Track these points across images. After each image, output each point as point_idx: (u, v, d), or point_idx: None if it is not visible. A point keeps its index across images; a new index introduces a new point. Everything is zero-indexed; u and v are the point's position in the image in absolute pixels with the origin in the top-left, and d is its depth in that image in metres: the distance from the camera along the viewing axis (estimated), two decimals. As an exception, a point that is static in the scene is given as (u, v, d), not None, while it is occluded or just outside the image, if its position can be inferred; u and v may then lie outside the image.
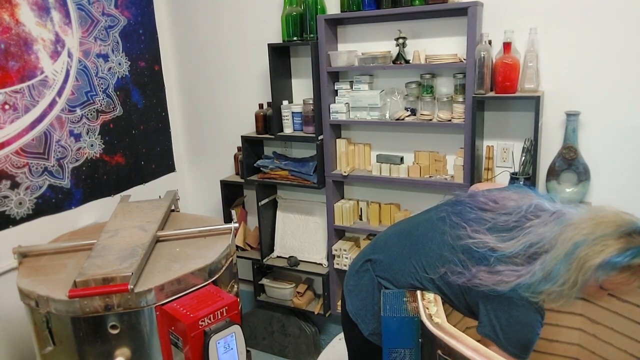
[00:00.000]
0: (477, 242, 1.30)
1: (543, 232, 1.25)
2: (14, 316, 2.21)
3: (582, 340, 1.64)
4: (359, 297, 1.51)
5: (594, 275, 1.17)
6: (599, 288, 1.23)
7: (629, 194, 2.10)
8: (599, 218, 1.21)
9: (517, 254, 1.25)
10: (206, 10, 2.94)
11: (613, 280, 1.19)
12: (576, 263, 1.17)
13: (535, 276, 1.20)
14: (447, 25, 2.29)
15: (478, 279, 1.26)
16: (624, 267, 1.16)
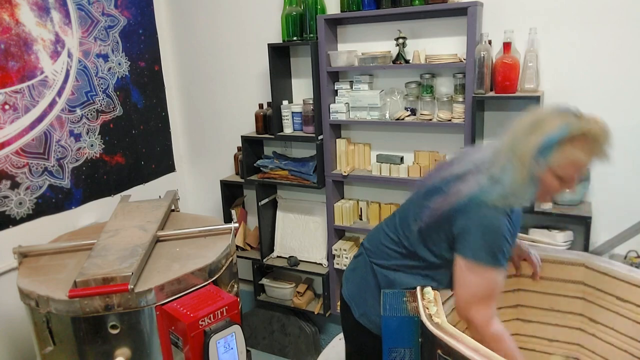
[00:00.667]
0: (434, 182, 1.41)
1: (485, 153, 1.35)
2: (14, 316, 2.21)
3: (582, 340, 1.64)
4: (354, 282, 1.56)
5: (539, 163, 1.21)
6: (556, 178, 1.23)
7: (629, 194, 2.10)
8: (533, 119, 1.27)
9: (465, 172, 1.32)
10: (206, 10, 2.94)
11: (561, 163, 1.21)
12: (518, 155, 1.23)
13: (483, 183, 1.26)
14: (447, 25, 2.29)
15: (439, 206, 1.33)
16: (562, 142, 1.19)
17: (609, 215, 2.13)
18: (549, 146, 1.20)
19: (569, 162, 1.21)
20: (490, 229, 1.25)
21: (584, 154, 1.20)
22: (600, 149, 1.20)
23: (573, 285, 1.63)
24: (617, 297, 1.53)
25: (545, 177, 1.24)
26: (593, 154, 1.21)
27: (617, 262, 1.58)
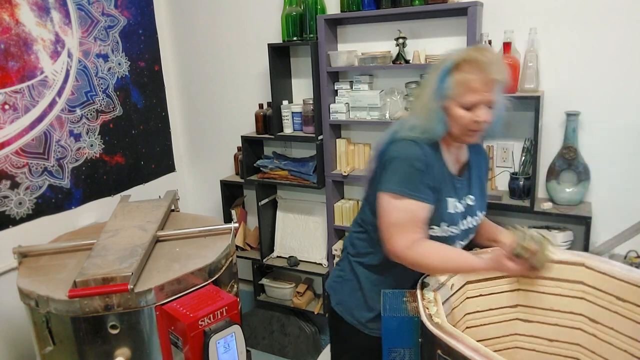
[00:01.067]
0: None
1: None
2: (14, 316, 2.21)
3: (582, 340, 1.64)
4: (335, 273, 1.66)
5: (440, 95, 1.31)
6: (460, 107, 1.29)
7: (629, 194, 2.10)
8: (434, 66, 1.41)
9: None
10: (206, 10, 2.94)
11: (455, 90, 1.28)
12: (421, 96, 1.37)
13: (396, 127, 1.43)
14: (447, 25, 2.29)
15: (369, 166, 1.51)
16: (451, 71, 1.29)
17: (609, 215, 2.13)
18: (442, 78, 1.30)
19: (461, 86, 1.28)
20: (401, 160, 1.33)
21: (471, 74, 1.26)
22: (486, 67, 1.25)
23: (573, 285, 1.63)
24: (617, 297, 1.53)
25: (450, 109, 1.31)
26: (480, 72, 1.25)
27: (617, 262, 1.57)
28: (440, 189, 1.37)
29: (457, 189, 1.42)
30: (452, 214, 1.40)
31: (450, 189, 1.40)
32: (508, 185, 2.25)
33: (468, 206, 1.45)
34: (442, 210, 1.38)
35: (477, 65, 1.26)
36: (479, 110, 1.28)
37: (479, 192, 1.49)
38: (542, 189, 2.24)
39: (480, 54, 1.28)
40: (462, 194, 1.44)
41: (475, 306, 1.67)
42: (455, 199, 1.41)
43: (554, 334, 1.68)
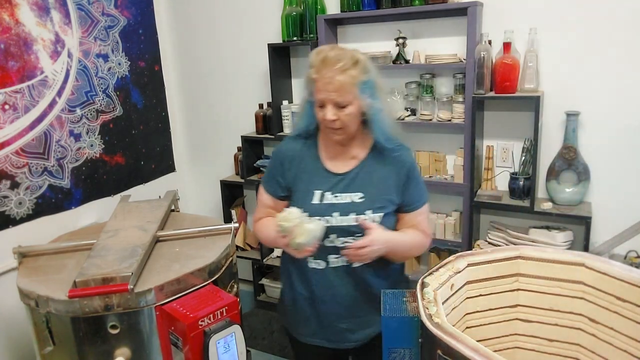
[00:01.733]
0: None
1: None
2: (14, 316, 2.21)
3: (582, 340, 1.64)
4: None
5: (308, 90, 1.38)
6: (317, 105, 1.35)
7: (629, 194, 2.10)
8: None
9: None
10: (206, 11, 2.93)
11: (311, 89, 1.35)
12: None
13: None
14: (447, 25, 2.29)
15: None
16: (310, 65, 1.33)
17: (609, 215, 2.13)
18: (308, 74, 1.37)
19: (308, 84, 1.37)
20: (272, 153, 1.54)
21: (313, 73, 1.32)
22: (320, 68, 1.29)
23: (573, 285, 1.63)
24: (617, 297, 1.53)
25: (314, 105, 1.38)
26: (318, 72, 1.30)
27: (617, 262, 1.57)
28: (306, 180, 1.43)
29: (332, 184, 1.42)
30: (316, 206, 1.40)
31: (321, 182, 1.42)
32: (508, 185, 2.25)
33: (349, 203, 1.40)
34: (306, 201, 1.41)
35: (315, 65, 1.31)
36: (325, 109, 1.32)
37: (373, 192, 1.42)
38: (542, 189, 2.24)
39: (317, 54, 1.32)
40: (338, 189, 1.42)
41: (475, 306, 1.67)
42: (329, 192, 1.41)
43: (554, 334, 1.67)
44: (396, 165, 1.44)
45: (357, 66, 1.31)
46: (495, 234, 2.28)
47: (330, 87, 1.28)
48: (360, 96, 1.33)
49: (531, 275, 1.68)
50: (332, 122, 1.32)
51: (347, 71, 1.28)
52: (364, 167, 1.44)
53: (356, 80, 1.30)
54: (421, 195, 1.49)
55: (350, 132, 1.39)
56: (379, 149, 1.43)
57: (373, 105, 1.36)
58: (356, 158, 1.44)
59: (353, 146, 1.44)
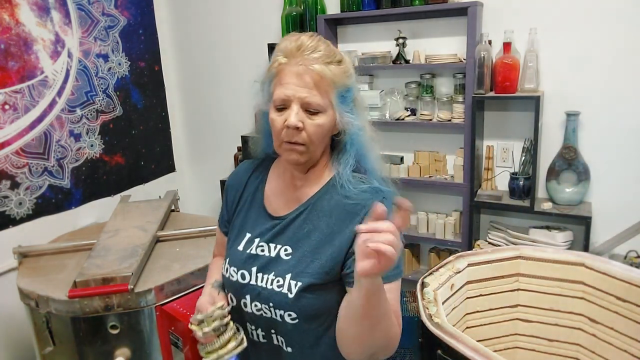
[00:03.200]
0: None
1: None
2: (14, 316, 2.21)
3: (582, 340, 1.64)
4: None
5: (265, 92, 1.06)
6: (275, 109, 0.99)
7: (629, 194, 2.10)
8: None
9: None
10: (206, 11, 2.93)
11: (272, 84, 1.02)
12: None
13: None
14: (447, 25, 2.29)
15: None
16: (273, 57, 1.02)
17: (609, 215, 2.13)
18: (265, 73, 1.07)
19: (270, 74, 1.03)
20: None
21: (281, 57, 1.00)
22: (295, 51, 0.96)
23: (573, 285, 1.63)
24: (617, 297, 1.53)
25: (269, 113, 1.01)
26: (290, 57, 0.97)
27: (617, 262, 1.58)
28: (242, 218, 1.09)
29: (265, 228, 1.05)
30: (239, 254, 1.05)
31: (255, 223, 1.07)
32: (508, 185, 2.25)
33: (271, 259, 1.02)
34: (234, 244, 1.08)
35: (285, 50, 0.98)
36: (287, 111, 0.95)
37: (304, 251, 1.00)
38: (542, 189, 2.24)
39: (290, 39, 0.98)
40: (267, 237, 1.04)
41: (475, 306, 1.67)
42: (258, 239, 1.05)
43: (554, 334, 1.68)
44: (355, 216, 0.98)
45: (341, 65, 0.98)
46: (495, 234, 2.28)
47: (302, 79, 0.94)
48: (338, 106, 0.98)
49: (531, 275, 1.69)
50: (294, 131, 0.94)
51: (328, 65, 0.95)
52: (308, 213, 1.03)
53: (338, 80, 0.96)
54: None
55: (314, 155, 1.00)
56: (336, 187, 1.02)
57: (354, 121, 1.01)
58: (301, 196, 1.05)
59: (307, 182, 1.05)
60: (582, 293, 1.62)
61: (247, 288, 1.02)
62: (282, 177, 1.09)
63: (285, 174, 1.08)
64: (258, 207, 1.09)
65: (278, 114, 0.97)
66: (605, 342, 1.57)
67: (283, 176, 1.08)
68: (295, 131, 0.94)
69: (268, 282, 1.00)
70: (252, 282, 1.02)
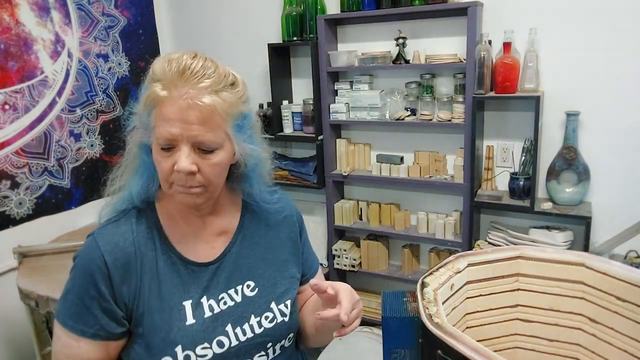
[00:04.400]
0: None
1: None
2: (14, 316, 2.21)
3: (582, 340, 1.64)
4: None
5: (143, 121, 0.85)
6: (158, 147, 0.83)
7: (629, 194, 2.10)
8: None
9: None
10: (206, 10, 2.93)
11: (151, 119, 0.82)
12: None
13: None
14: (447, 25, 2.29)
15: None
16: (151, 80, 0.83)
17: (609, 215, 2.13)
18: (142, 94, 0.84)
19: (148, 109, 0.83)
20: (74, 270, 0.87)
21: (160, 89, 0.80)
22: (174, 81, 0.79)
23: (573, 285, 1.63)
24: (617, 297, 1.53)
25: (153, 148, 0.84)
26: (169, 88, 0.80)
27: (617, 262, 1.57)
28: (160, 291, 0.86)
29: (204, 283, 0.90)
30: (195, 328, 0.86)
31: (186, 285, 0.89)
32: (508, 185, 2.25)
33: (241, 304, 0.91)
34: (173, 327, 0.85)
35: (163, 77, 0.80)
36: (175, 154, 0.81)
37: (269, 274, 0.96)
38: (542, 189, 2.24)
39: (169, 61, 0.81)
40: (216, 288, 0.91)
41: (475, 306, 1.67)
42: (204, 298, 0.89)
43: (554, 334, 1.67)
44: (284, 222, 1.03)
45: (234, 89, 0.84)
46: (495, 234, 2.28)
47: (190, 115, 0.78)
48: (236, 137, 0.85)
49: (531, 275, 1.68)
50: (188, 176, 0.81)
51: (220, 92, 0.80)
52: (243, 241, 0.96)
53: (233, 110, 0.83)
54: (314, 253, 1.11)
55: (214, 193, 0.89)
56: (252, 207, 1.00)
57: (254, 152, 0.90)
58: (226, 231, 0.96)
59: (218, 212, 0.95)
60: (582, 293, 1.62)
61: (230, 353, 0.88)
62: (183, 218, 0.92)
63: (184, 213, 0.92)
64: (176, 265, 0.89)
65: (164, 154, 0.81)
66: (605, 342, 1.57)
67: (182, 217, 0.92)
68: (188, 176, 0.81)
69: (255, 328, 0.90)
70: (235, 343, 0.88)
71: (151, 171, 0.88)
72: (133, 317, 0.85)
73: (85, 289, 0.83)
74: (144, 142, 0.86)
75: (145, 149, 0.87)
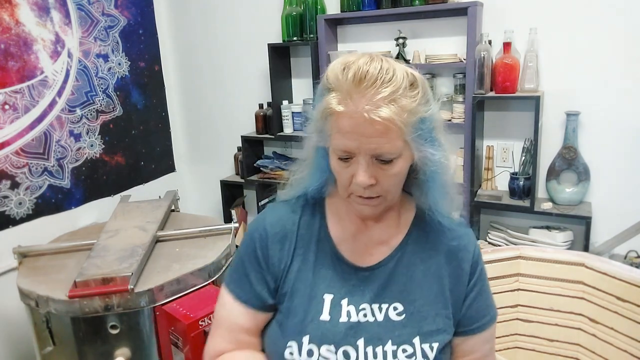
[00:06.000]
0: None
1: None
2: (14, 316, 2.21)
3: (582, 340, 1.64)
4: None
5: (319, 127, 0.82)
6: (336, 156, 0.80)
7: (629, 194, 2.10)
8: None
9: None
10: (206, 11, 2.93)
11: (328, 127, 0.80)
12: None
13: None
14: (447, 25, 2.29)
15: None
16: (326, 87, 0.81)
17: (609, 215, 2.13)
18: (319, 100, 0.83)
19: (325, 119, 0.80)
20: (246, 234, 0.92)
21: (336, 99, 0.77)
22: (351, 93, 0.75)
23: (573, 285, 1.63)
24: (617, 297, 1.53)
25: (330, 153, 0.83)
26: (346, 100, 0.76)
27: (617, 262, 1.58)
28: (309, 277, 0.85)
29: (352, 285, 0.85)
30: (327, 326, 0.82)
31: (334, 280, 0.86)
32: (508, 185, 2.25)
33: (382, 324, 0.84)
34: (308, 316, 0.83)
35: (339, 85, 0.76)
36: (354, 165, 0.78)
37: (420, 303, 0.85)
38: (542, 189, 2.24)
39: (343, 67, 0.77)
40: (364, 296, 0.85)
41: (475, 306, 1.67)
42: (345, 300, 0.84)
43: (554, 334, 1.68)
44: (455, 253, 0.88)
45: (414, 90, 0.77)
46: (495, 234, 2.28)
47: (368, 128, 0.73)
48: (415, 142, 0.78)
49: (531, 275, 1.69)
50: (368, 188, 0.78)
51: (399, 99, 0.74)
52: (403, 258, 0.88)
53: (412, 117, 0.76)
54: (489, 307, 0.91)
55: (394, 202, 0.86)
56: (425, 222, 0.90)
57: (434, 157, 0.81)
58: (388, 242, 0.89)
59: (384, 220, 0.89)
60: (582, 293, 1.62)
61: None
62: (348, 218, 0.89)
63: (350, 214, 0.89)
64: (329, 259, 0.87)
65: (342, 164, 0.79)
66: (605, 342, 1.57)
67: (348, 216, 0.89)
68: (367, 188, 0.78)
69: (388, 356, 0.81)
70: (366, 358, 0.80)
71: (326, 174, 0.88)
72: (278, 294, 0.87)
73: (247, 254, 0.89)
74: (320, 146, 0.86)
75: (321, 152, 0.87)
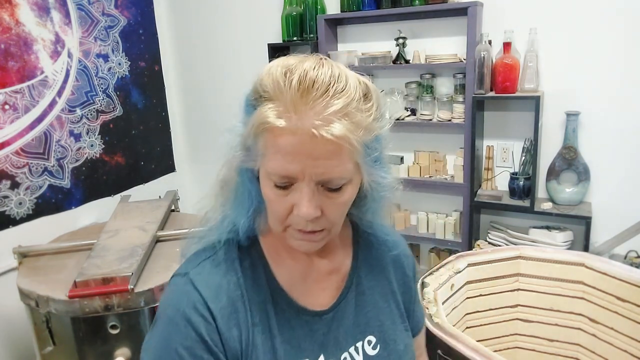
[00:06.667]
0: None
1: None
2: (14, 316, 2.21)
3: (582, 340, 1.65)
4: None
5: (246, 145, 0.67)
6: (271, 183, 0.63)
7: (629, 194, 2.10)
8: None
9: None
10: (206, 11, 2.93)
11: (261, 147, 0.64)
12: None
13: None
14: (447, 25, 2.29)
15: None
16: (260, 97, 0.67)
17: (609, 215, 2.13)
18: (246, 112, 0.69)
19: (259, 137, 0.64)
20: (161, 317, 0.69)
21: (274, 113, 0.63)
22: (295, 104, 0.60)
23: (573, 285, 1.64)
24: (617, 297, 1.53)
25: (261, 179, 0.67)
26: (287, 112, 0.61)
27: (617, 262, 1.58)
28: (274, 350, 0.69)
29: (323, 334, 0.72)
30: None
31: (302, 339, 0.71)
32: (508, 185, 2.25)
33: None
34: None
35: (281, 94, 0.61)
36: (295, 194, 0.63)
37: (387, 327, 0.78)
38: (542, 189, 2.24)
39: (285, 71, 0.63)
40: (337, 343, 0.73)
41: (475, 306, 1.67)
42: (322, 357, 0.72)
43: (554, 334, 1.68)
44: (397, 262, 0.82)
45: (368, 102, 0.63)
46: (495, 234, 2.28)
47: (317, 147, 0.59)
48: (366, 165, 0.65)
49: (531, 275, 1.69)
50: (313, 221, 0.64)
51: (352, 114, 0.60)
52: (359, 285, 0.78)
53: (367, 135, 0.62)
54: (421, 306, 0.91)
55: (335, 235, 0.71)
56: (365, 239, 0.81)
57: (384, 180, 0.69)
58: (337, 269, 0.77)
59: (328, 246, 0.75)
60: (582, 293, 1.62)
61: None
62: (289, 255, 0.74)
63: (290, 251, 0.73)
64: (289, 315, 0.71)
65: (278, 192, 0.63)
66: (605, 342, 1.57)
67: (288, 254, 0.74)
68: (313, 221, 0.64)
69: None
70: None
71: (257, 203, 0.70)
72: None
73: (189, 347, 0.64)
74: (245, 167, 0.67)
75: (246, 175, 0.68)
